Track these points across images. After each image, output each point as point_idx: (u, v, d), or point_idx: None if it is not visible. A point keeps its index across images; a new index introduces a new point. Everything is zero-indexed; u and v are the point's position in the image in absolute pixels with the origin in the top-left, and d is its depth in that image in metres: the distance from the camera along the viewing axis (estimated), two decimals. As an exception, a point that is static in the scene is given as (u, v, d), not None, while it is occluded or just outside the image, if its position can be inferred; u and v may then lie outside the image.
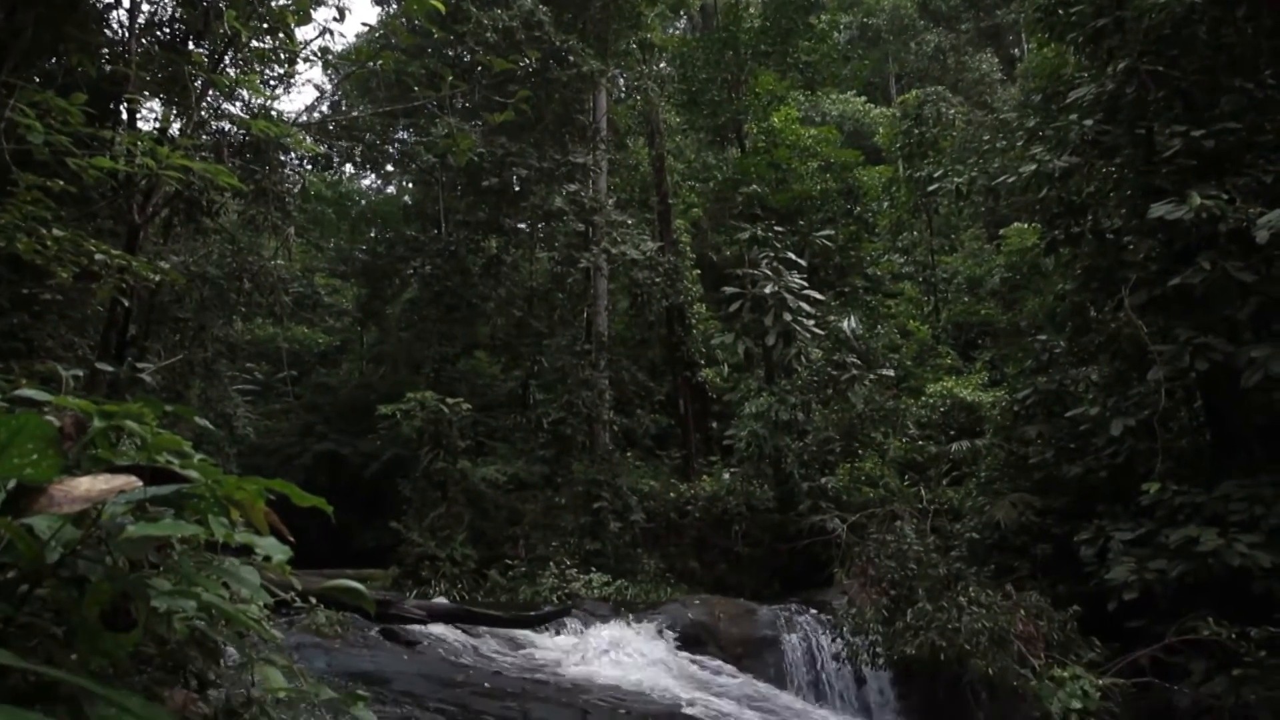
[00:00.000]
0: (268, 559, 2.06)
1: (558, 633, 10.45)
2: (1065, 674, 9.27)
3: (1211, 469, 10.58)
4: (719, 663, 10.37)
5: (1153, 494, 10.30)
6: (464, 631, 9.50)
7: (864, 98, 37.08)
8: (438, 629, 9.25)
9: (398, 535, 15.12)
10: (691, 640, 10.75)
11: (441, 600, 12.17)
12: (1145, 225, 10.91)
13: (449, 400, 15.80)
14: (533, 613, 10.93)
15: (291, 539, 2.16)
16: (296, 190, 16.54)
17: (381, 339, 25.72)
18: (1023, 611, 10.14)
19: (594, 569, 14.58)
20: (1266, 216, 9.49)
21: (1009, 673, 9.44)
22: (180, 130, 8.65)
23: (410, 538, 14.87)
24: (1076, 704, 8.90)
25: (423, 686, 6.26)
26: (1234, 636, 8.85)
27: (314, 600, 5.19)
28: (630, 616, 10.93)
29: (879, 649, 10.49)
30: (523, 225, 20.93)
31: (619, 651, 9.71)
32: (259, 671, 2.32)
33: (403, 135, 19.91)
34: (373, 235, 27.03)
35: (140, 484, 1.80)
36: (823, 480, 17.40)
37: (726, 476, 18.15)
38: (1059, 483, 12.79)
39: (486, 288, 20.46)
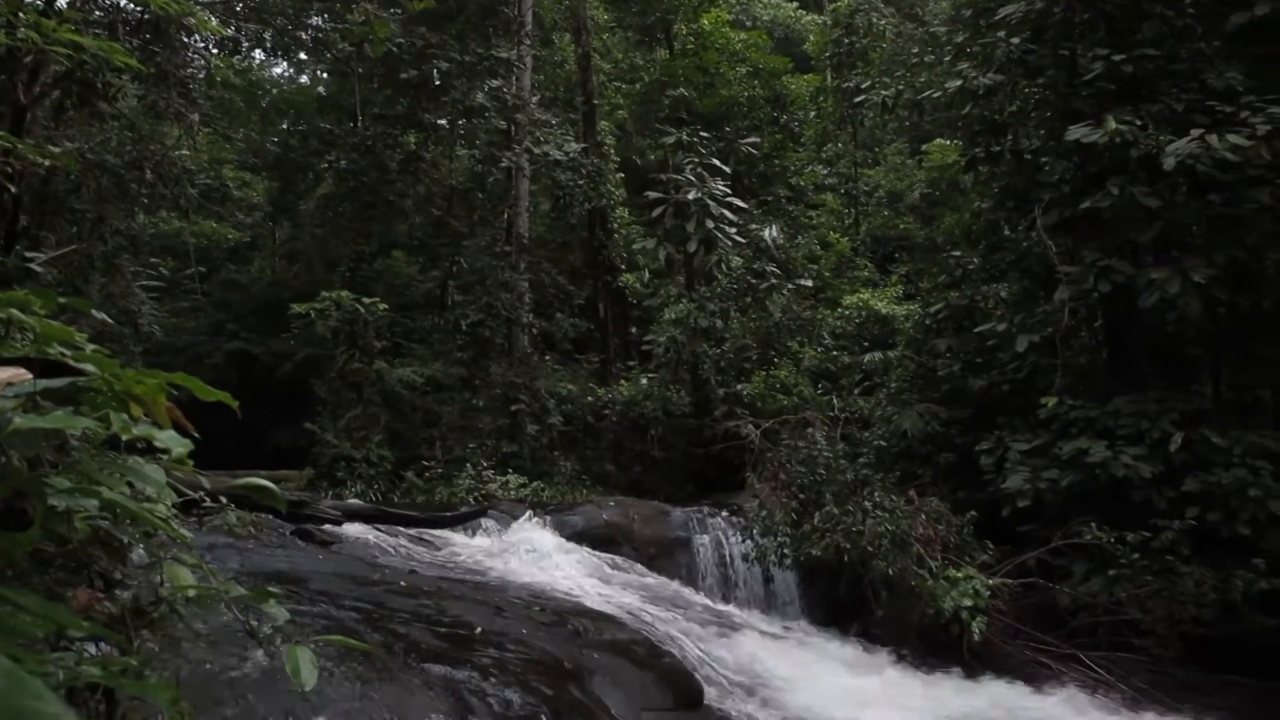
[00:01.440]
0: (166, 453, 2.00)
1: (474, 533, 10.55)
2: (959, 574, 9.78)
3: (1105, 386, 11.09)
4: (632, 562, 10.64)
5: (1050, 408, 10.78)
6: (380, 532, 9.52)
7: (795, 3, 36.52)
8: (353, 529, 9.26)
9: (313, 436, 14.94)
10: (606, 541, 10.99)
11: (357, 501, 12.15)
12: (1062, 147, 11.13)
13: (365, 300, 15.48)
14: (449, 513, 10.99)
15: (196, 434, 2.11)
16: (201, 76, 15.66)
17: (295, 235, 24.90)
18: (923, 516, 10.60)
19: (511, 471, 14.68)
20: (1175, 144, 9.77)
21: (908, 573, 9.91)
22: (69, 3, 8.05)
23: (325, 439, 14.72)
24: (967, 602, 9.42)
25: (338, 585, 6.28)
26: (1112, 541, 9.44)
27: (224, 500, 5.12)
28: (546, 517, 11.09)
29: (787, 550, 10.89)
30: (442, 121, 20.26)
31: (534, 551, 9.87)
32: (167, 570, 2.29)
33: (317, 21, 18.93)
34: (285, 127, 25.86)
35: (30, 376, 1.72)
36: (738, 387, 17.69)
37: (644, 382, 18.32)
38: (964, 395, 13.28)
39: (404, 185, 19.88)
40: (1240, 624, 9.11)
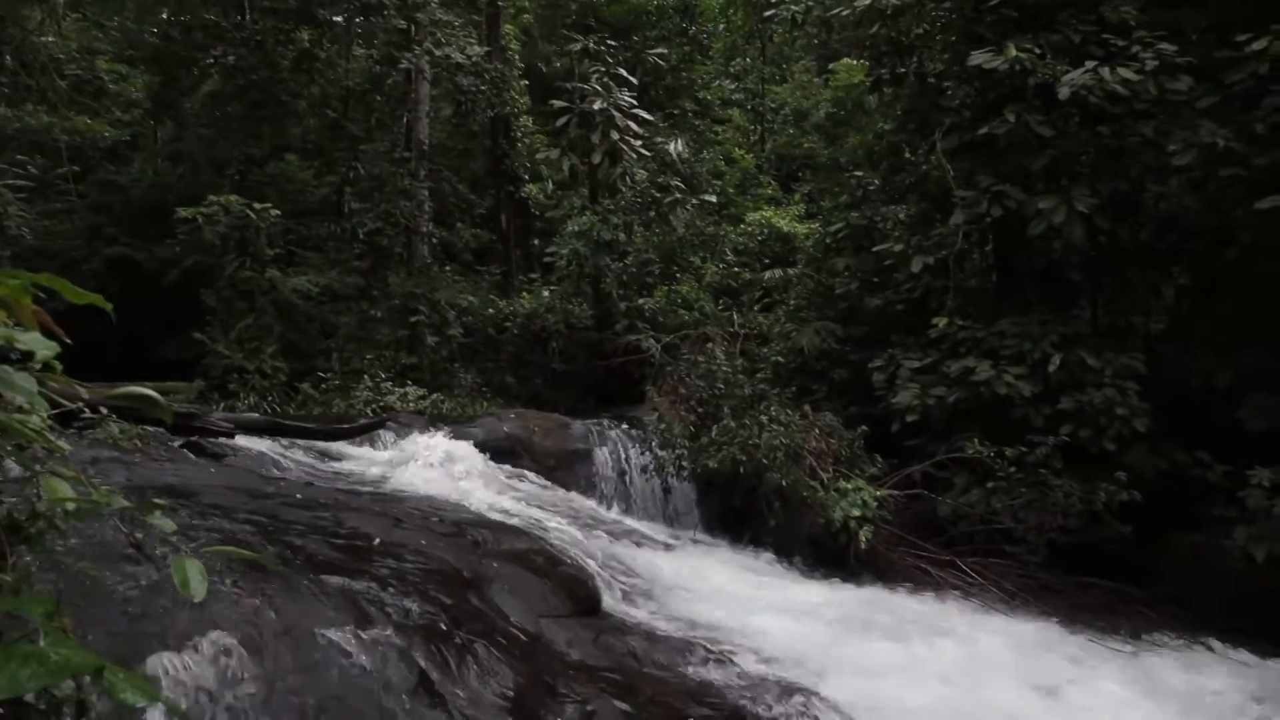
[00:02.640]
0: (35, 360, 1.91)
1: (372, 445, 10.44)
2: (849, 486, 10.17)
3: (993, 308, 11.51)
4: (532, 474, 10.72)
5: (941, 328, 11.16)
6: (275, 444, 9.32)
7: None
8: (246, 442, 9.03)
9: (202, 347, 14.40)
10: (505, 453, 11.01)
11: (251, 414, 11.83)
12: (964, 72, 11.29)
13: (256, 205, 14.83)
14: (347, 425, 10.82)
15: (67, 340, 2.00)
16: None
17: (178, 135, 23.44)
18: (817, 430, 10.93)
19: (410, 383, 14.49)
20: (1070, 75, 10.02)
21: (800, 484, 10.25)
22: None
23: (216, 350, 14.22)
24: (856, 512, 9.83)
25: (231, 499, 6.15)
26: (992, 455, 9.95)
27: (105, 411, 4.93)
28: (445, 430, 11.04)
29: (684, 462, 11.12)
30: (338, 18, 19.28)
31: (435, 463, 9.84)
32: (44, 484, 2.20)
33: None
34: (165, 17, 24.12)
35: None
36: (640, 301, 17.77)
37: (546, 294, 18.21)
38: (860, 313, 13.63)
39: (297, 85, 18.92)
40: (1100, 532, 9.80)
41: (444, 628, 4.46)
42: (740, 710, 5.09)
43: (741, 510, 11.00)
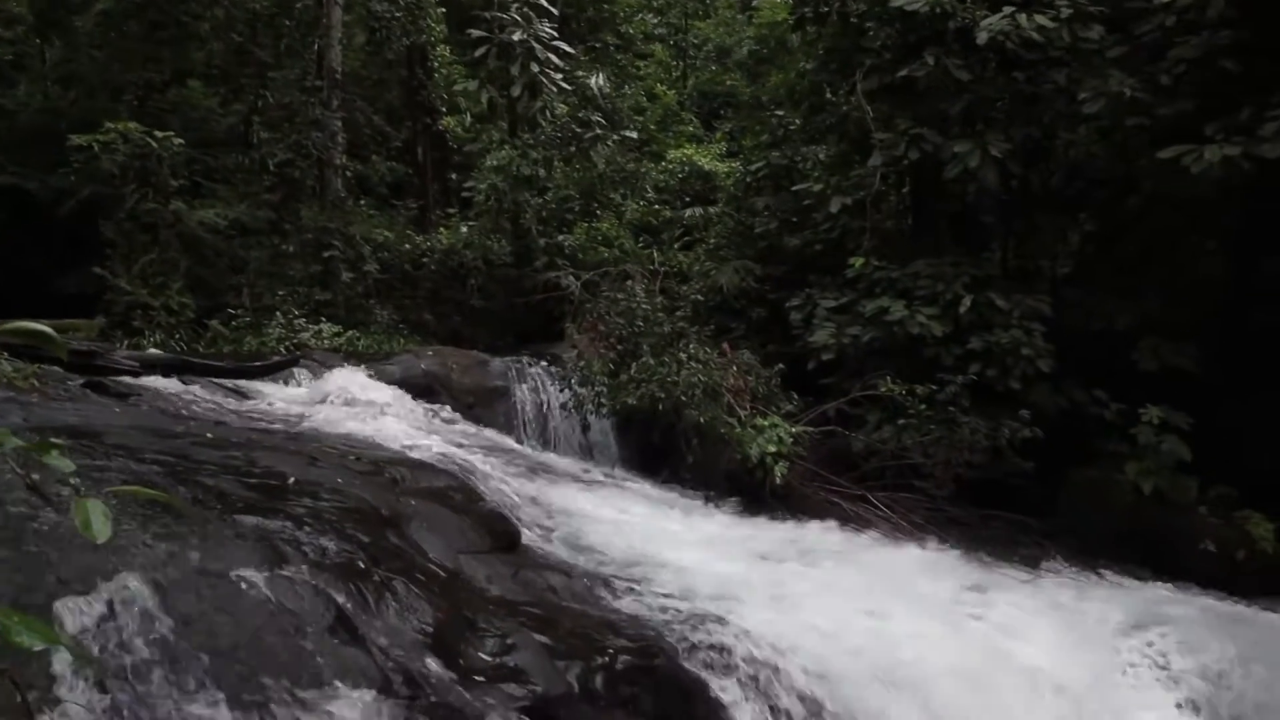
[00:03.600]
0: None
1: (286, 383, 10.21)
2: (765, 423, 10.36)
3: (908, 249, 11.74)
4: (450, 412, 10.64)
5: (857, 268, 11.35)
6: (183, 383, 9.03)
7: None
8: (153, 381, 8.73)
9: (103, 283, 13.77)
10: (424, 390, 10.88)
11: (157, 351, 11.42)
12: (886, 13, 11.32)
13: (157, 133, 14.14)
14: (259, 363, 10.55)
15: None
16: None
17: (69, 57, 22.06)
18: (735, 368, 11.07)
19: (324, 319, 14.16)
20: (989, 20, 10.15)
21: (718, 421, 10.40)
22: None
23: (118, 285, 13.61)
24: (772, 448, 10.03)
25: (138, 439, 5.96)
26: (903, 393, 10.23)
27: (-4, 347, 4.70)
28: (362, 367, 10.85)
29: (603, 399, 11.18)
30: (242, -66, 18.33)
31: (351, 401, 9.69)
32: (-67, 424, 2.10)
33: None
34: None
35: None
36: (560, 238, 17.60)
37: (464, 230, 17.90)
38: (779, 253, 13.75)
39: (200, 5, 17.97)
40: (1004, 467, 10.23)
41: (362, 566, 4.44)
42: (657, 640, 5.21)
43: (660, 447, 11.13)
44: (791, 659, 5.47)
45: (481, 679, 4.26)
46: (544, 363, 12.66)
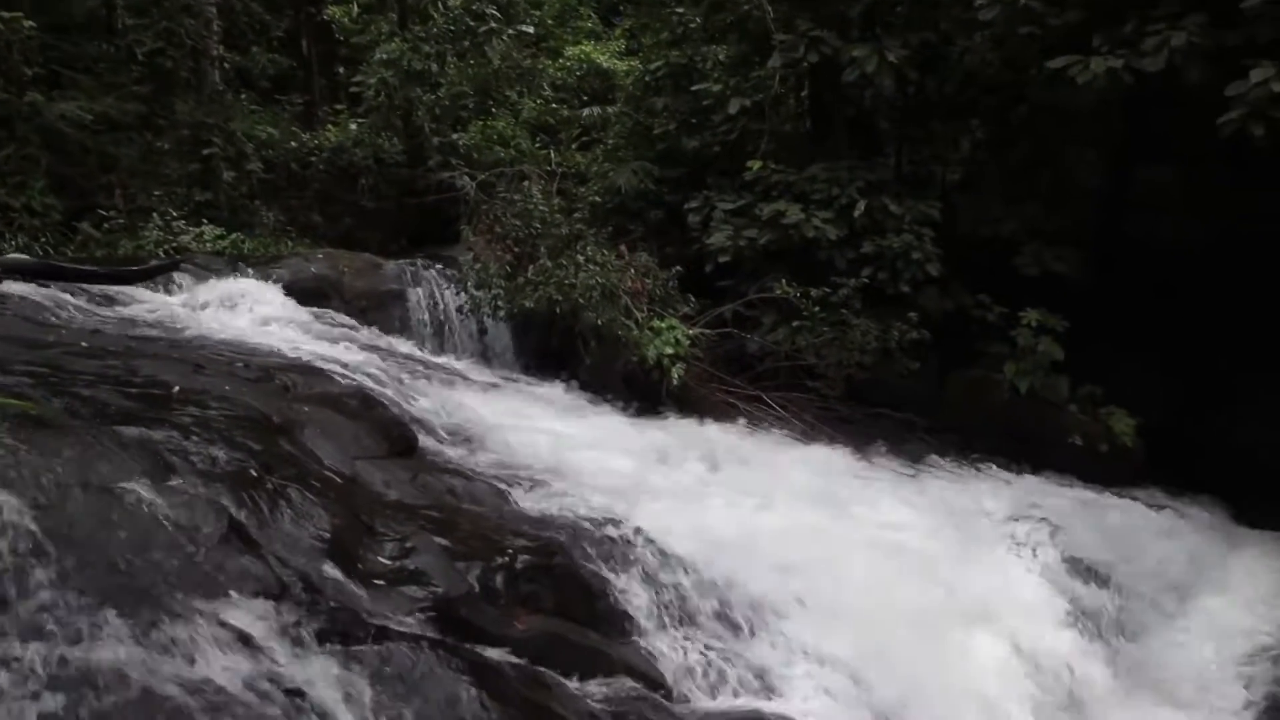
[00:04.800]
0: None
1: (167, 289, 9.72)
2: (663, 325, 10.44)
3: (806, 153, 11.81)
4: (343, 316, 10.36)
5: (755, 171, 11.38)
6: (52, 290, 8.50)
7: None
8: (17, 287, 8.15)
9: (-47, 182, 12.75)
10: (315, 295, 10.53)
11: (20, 256, 10.67)
12: (786, -92, 11.12)
13: (4, 15, 12.96)
14: (135, 268, 9.99)
15: None
16: None
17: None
18: (633, 270, 11.06)
19: (206, 221, 13.46)
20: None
21: (616, 324, 10.42)
22: None
23: (-30, 183, 12.63)
24: (669, 350, 10.15)
25: (3, 350, 5.63)
26: (798, 296, 10.44)
27: None
28: (248, 271, 10.43)
29: (500, 302, 11.05)
30: None
31: (237, 306, 9.32)
32: None
33: None
34: None
35: None
36: (454, 136, 17.09)
37: (353, 127, 17.17)
38: (678, 154, 13.66)
39: None
40: (893, 367, 10.61)
41: (254, 474, 4.34)
42: (556, 539, 5.29)
43: (558, 349, 11.13)
44: (689, 553, 5.65)
45: (381, 582, 4.27)
46: (440, 265, 12.39)
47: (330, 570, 4.06)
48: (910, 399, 10.88)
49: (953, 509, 8.35)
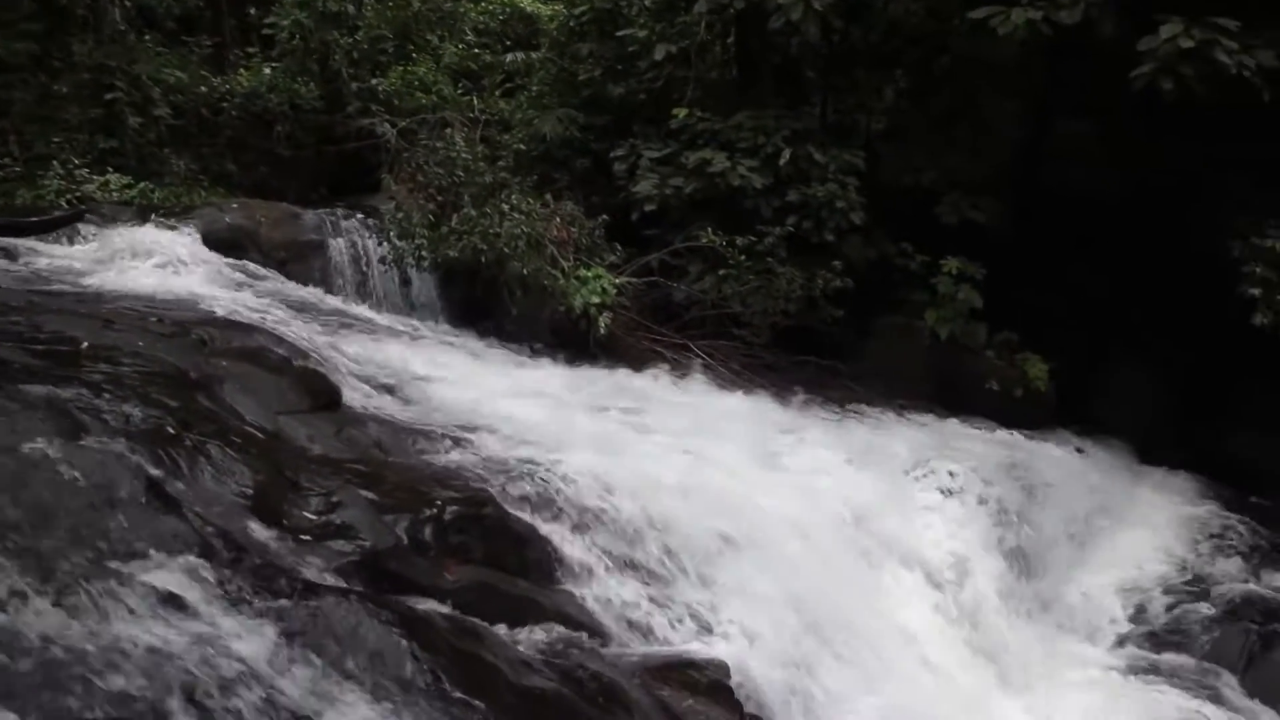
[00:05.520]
0: None
1: (71, 240, 9.31)
2: (589, 274, 10.41)
3: (732, 101, 11.78)
4: (261, 268, 10.07)
5: (681, 119, 11.32)
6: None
7: None
8: (-96, 241, 7.78)
9: None
10: (230, 246, 10.18)
11: (-93, 209, 10.10)
12: None
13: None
14: (35, 219, 9.53)
15: None
16: None
17: None
18: (558, 219, 10.97)
19: (111, 170, 12.89)
20: None
21: (542, 273, 10.36)
22: None
23: None
24: (596, 299, 10.13)
25: (-109, 305, 5.35)
26: (724, 244, 10.49)
27: None
28: (159, 221, 10.04)
29: (424, 252, 10.85)
30: None
31: (148, 258, 8.98)
32: None
33: None
34: None
35: None
36: (374, 82, 16.59)
37: (267, 71, 16.51)
38: (603, 101, 13.49)
39: None
40: (817, 315, 10.78)
41: (171, 431, 4.23)
42: (484, 489, 5.29)
43: (484, 300, 11.01)
44: (618, 499, 5.69)
45: (308, 538, 4.22)
46: (361, 215, 12.09)
47: (255, 527, 4.00)
48: (834, 346, 11.09)
49: (875, 453, 8.58)
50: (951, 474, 8.36)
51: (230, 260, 9.81)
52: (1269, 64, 8.29)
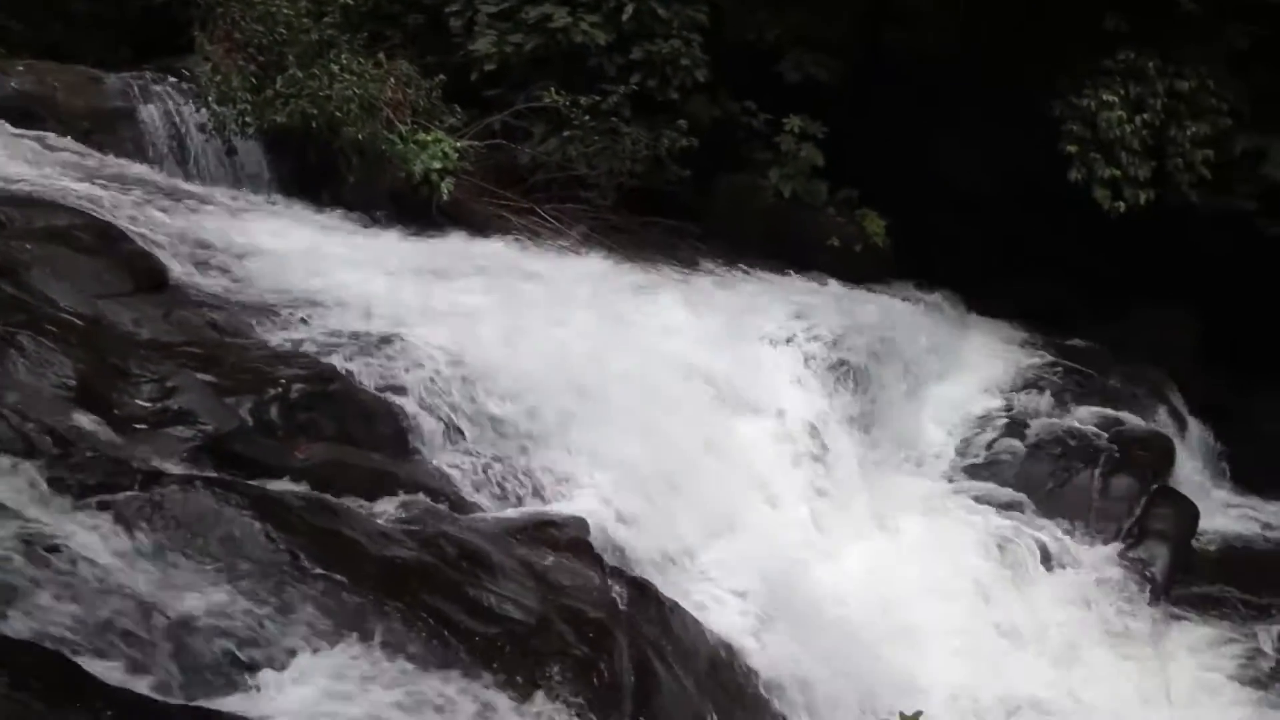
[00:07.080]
0: None
1: None
2: (429, 138, 10.00)
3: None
4: (62, 139, 9.18)
5: (518, -30, 10.81)
6: None
7: None
8: None
9: None
10: (23, 115, 9.16)
11: None
12: None
13: None
14: None
15: None
16: None
17: None
18: (393, 80, 10.39)
19: None
20: None
21: (378, 138, 9.87)
22: None
23: None
24: (437, 164, 9.78)
25: None
26: (568, 104, 10.24)
27: None
28: (-68, 86, 8.97)
29: (248, 118, 10.09)
30: None
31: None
32: None
33: None
34: None
35: None
36: (178, -73, 15.05)
37: (49, -88, 14.72)
38: (435, -49, 12.69)
39: None
40: (663, 175, 10.78)
41: (-26, 322, 3.92)
42: (331, 365, 5.17)
43: (317, 168, 10.43)
44: (469, 370, 5.68)
45: (143, 426, 4.05)
46: (174, 79, 11.09)
47: (82, 419, 3.81)
48: (681, 207, 11.16)
49: (722, 311, 8.82)
50: (796, 324, 8.72)
51: (23, 130, 8.90)
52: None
